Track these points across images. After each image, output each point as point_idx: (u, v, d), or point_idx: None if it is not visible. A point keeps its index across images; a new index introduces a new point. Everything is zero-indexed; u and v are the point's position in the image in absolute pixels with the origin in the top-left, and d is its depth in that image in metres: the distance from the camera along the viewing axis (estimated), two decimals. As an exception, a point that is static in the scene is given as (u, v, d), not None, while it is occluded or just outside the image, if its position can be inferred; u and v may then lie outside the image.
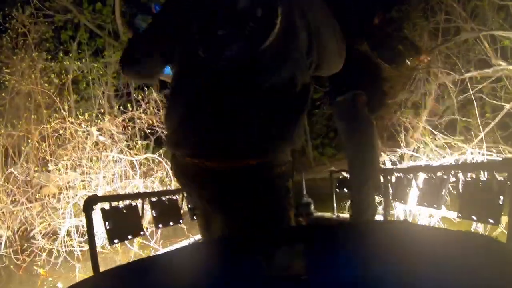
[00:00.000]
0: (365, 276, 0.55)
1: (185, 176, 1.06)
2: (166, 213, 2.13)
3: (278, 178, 1.00)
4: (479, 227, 2.12)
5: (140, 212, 2.00)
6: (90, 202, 1.70)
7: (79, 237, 3.71)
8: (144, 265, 0.77)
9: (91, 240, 1.69)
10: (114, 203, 1.84)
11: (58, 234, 3.59)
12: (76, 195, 3.96)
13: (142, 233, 1.98)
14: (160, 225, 2.12)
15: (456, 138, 2.60)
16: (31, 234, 3.53)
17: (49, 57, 4.30)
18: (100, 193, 3.93)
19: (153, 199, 2.11)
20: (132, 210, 1.95)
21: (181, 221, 2.21)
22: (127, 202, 1.95)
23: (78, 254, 3.58)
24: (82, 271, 3.34)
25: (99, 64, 4.45)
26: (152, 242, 3.63)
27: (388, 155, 3.05)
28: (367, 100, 2.31)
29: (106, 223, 1.77)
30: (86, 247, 3.68)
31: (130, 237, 1.92)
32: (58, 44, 4.64)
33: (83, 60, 4.39)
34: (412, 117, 3.09)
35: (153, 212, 2.09)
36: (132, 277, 0.68)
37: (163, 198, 2.15)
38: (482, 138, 2.34)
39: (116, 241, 1.82)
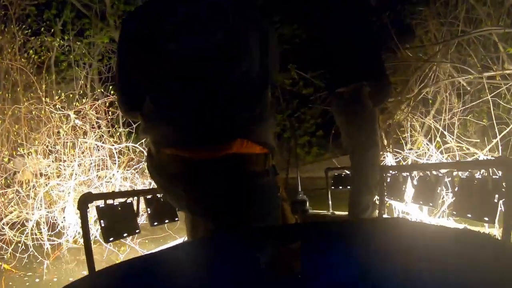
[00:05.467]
0: (362, 274, 0.55)
1: (165, 176, 1.08)
2: (161, 210, 2.05)
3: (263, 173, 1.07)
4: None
5: (136, 209, 1.92)
6: (85, 200, 1.63)
7: (49, 231, 3.44)
8: (141, 263, 0.76)
9: (86, 238, 1.62)
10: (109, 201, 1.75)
11: (27, 226, 3.29)
12: (47, 184, 3.67)
13: (137, 231, 1.89)
14: (155, 223, 2.03)
15: (469, 141, 2.51)
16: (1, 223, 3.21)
17: (29, 32, 3.88)
18: (73, 182, 3.67)
19: (148, 196, 2.02)
20: (127, 207, 1.87)
21: (176, 219, 2.13)
22: (122, 199, 1.86)
23: (47, 248, 3.31)
24: (51, 268, 3.09)
25: (83, 45, 4.11)
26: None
27: (395, 156, 2.86)
28: (371, 91, 2.11)
29: (101, 221, 1.69)
30: (57, 241, 3.42)
31: (125, 235, 1.83)
32: (41, 22, 4.22)
33: (66, 38, 4.02)
34: (416, 115, 2.88)
35: (148, 209, 2.00)
36: (129, 275, 0.67)
37: (159, 196, 2.05)
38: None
39: (111, 239, 1.74)
